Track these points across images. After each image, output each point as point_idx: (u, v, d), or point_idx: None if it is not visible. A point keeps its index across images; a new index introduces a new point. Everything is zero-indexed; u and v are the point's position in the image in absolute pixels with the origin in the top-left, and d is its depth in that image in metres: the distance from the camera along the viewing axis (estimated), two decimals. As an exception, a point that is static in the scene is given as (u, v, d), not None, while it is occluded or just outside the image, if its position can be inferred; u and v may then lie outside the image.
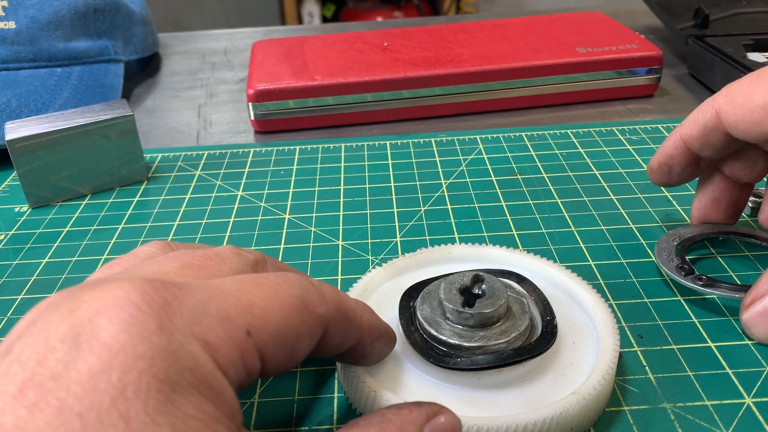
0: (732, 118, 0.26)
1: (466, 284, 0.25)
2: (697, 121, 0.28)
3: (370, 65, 0.48)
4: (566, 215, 0.35)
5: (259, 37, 0.68)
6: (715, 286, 0.28)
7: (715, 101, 0.27)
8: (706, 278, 0.28)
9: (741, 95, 0.26)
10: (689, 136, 0.28)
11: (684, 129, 0.29)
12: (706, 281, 0.28)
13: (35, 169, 0.38)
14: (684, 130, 0.29)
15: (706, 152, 0.29)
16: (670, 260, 0.30)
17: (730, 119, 0.26)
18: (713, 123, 0.27)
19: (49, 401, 0.14)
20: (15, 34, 0.49)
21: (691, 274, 0.29)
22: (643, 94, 0.50)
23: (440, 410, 0.20)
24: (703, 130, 0.27)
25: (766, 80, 0.26)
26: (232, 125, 0.49)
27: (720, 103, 0.27)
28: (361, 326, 0.21)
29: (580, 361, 0.24)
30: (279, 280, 0.19)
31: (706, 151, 0.28)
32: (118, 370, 0.15)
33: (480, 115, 0.49)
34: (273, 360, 0.18)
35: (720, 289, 0.28)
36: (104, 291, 0.16)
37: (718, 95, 0.27)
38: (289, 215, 0.37)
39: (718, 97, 0.27)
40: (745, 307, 0.26)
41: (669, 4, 0.55)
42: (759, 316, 0.26)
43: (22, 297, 0.31)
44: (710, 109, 0.27)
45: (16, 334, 0.16)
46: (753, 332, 0.26)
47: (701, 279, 0.28)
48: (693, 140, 0.28)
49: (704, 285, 0.28)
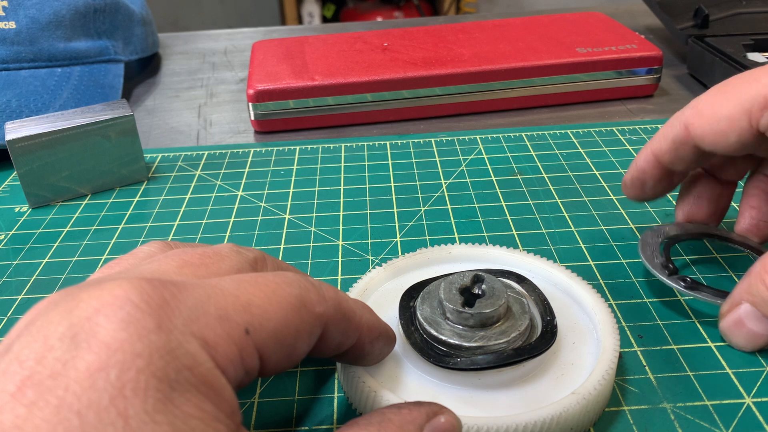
0: (699, 130, 0.26)
1: (466, 284, 0.25)
2: (666, 135, 0.28)
3: (370, 65, 0.48)
4: (566, 215, 0.35)
5: (259, 37, 0.68)
6: (698, 289, 0.28)
7: (684, 114, 0.27)
8: (690, 280, 0.28)
9: (707, 107, 0.26)
10: (660, 150, 0.28)
11: (654, 143, 0.29)
12: (690, 283, 0.28)
13: (35, 169, 0.38)
14: (654, 144, 0.29)
15: (677, 166, 0.29)
16: (655, 257, 0.30)
17: (697, 131, 0.26)
18: (682, 136, 0.27)
19: (48, 400, 0.14)
20: (15, 34, 0.49)
21: (675, 275, 0.28)
22: (643, 94, 0.50)
23: (440, 410, 0.20)
24: (673, 143, 0.28)
25: (729, 91, 0.26)
26: (232, 125, 0.49)
27: (688, 116, 0.27)
28: (361, 326, 0.21)
29: (580, 361, 0.24)
30: (278, 279, 0.19)
31: (678, 164, 0.29)
32: (116, 369, 0.15)
33: (480, 115, 0.49)
34: (272, 359, 0.18)
35: (702, 293, 0.28)
36: (103, 290, 0.16)
37: (686, 108, 0.27)
38: (289, 215, 0.37)
39: (686, 111, 0.27)
40: (722, 316, 0.26)
41: (669, 4, 0.55)
42: (735, 325, 0.26)
43: (22, 297, 0.31)
44: (678, 123, 0.27)
45: (15, 334, 0.17)
46: (731, 340, 0.26)
47: (685, 281, 0.28)
48: (663, 154, 0.28)
49: (687, 287, 0.28)
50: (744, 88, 0.25)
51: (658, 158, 0.29)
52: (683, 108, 0.28)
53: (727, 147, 0.26)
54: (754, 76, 0.26)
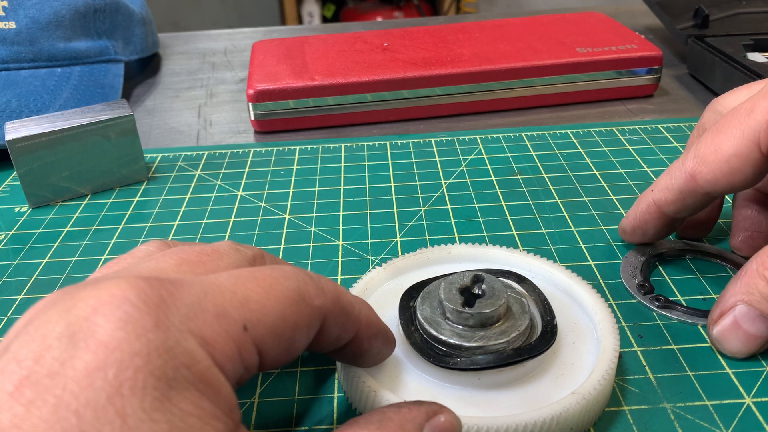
0: (710, 176, 0.26)
1: (466, 284, 0.25)
2: (671, 186, 0.28)
3: (370, 65, 0.48)
4: (566, 215, 0.35)
5: (259, 37, 0.68)
6: (672, 308, 0.28)
7: (684, 165, 0.27)
8: (663, 299, 0.28)
9: (709, 152, 0.26)
10: (664, 201, 0.28)
11: (657, 195, 0.29)
12: (663, 303, 0.28)
13: (35, 169, 0.38)
14: (657, 196, 0.29)
15: (682, 214, 0.29)
16: (634, 276, 0.30)
17: (708, 177, 0.26)
18: (689, 186, 0.27)
19: (46, 399, 0.14)
20: (15, 34, 0.49)
21: (650, 294, 0.29)
22: (643, 94, 0.50)
23: (440, 409, 0.20)
24: (679, 194, 0.28)
25: (726, 131, 0.26)
26: (232, 125, 0.49)
27: (691, 166, 0.27)
28: (359, 320, 0.21)
29: (580, 361, 0.24)
30: (275, 274, 0.19)
31: (683, 212, 0.29)
32: (114, 368, 0.15)
33: (480, 115, 0.49)
34: (271, 354, 0.18)
35: (676, 312, 0.28)
36: (100, 289, 0.16)
37: (685, 159, 0.27)
38: (289, 215, 0.37)
39: (686, 162, 0.27)
40: (714, 322, 0.26)
41: (669, 4, 0.55)
42: (730, 329, 0.25)
43: (22, 297, 0.31)
44: (682, 174, 0.27)
45: (13, 333, 0.17)
46: (725, 346, 0.25)
47: (659, 300, 0.28)
48: (669, 205, 0.28)
49: (661, 306, 0.28)
50: (741, 121, 0.25)
51: (662, 209, 0.29)
52: (680, 159, 0.28)
53: (744, 182, 0.26)
54: (746, 108, 0.26)
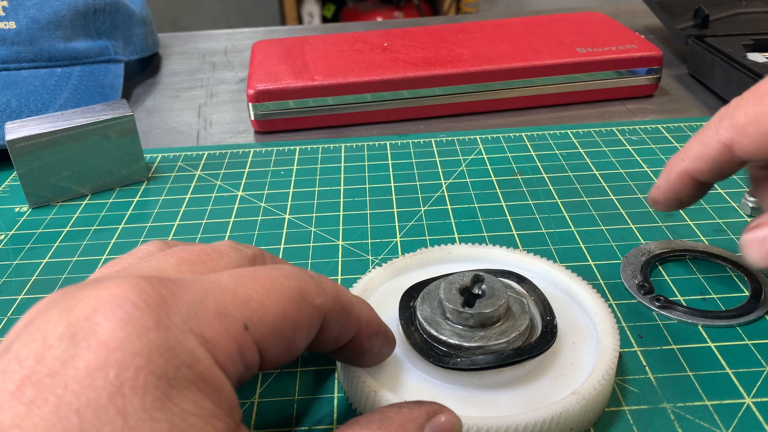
0: (750, 148, 0.26)
1: (466, 284, 0.25)
2: (704, 156, 0.27)
3: (370, 65, 0.48)
4: (566, 215, 0.35)
5: (259, 37, 0.68)
6: (672, 308, 0.28)
7: (719, 134, 0.27)
8: (663, 299, 0.28)
9: (749, 123, 0.25)
10: (698, 170, 0.28)
11: (690, 164, 0.28)
12: (663, 303, 0.28)
13: (35, 169, 0.38)
14: (690, 165, 0.28)
15: (718, 179, 0.28)
16: (634, 277, 0.30)
17: (748, 149, 0.26)
18: (726, 156, 0.27)
19: (47, 398, 0.14)
20: (15, 34, 0.49)
21: (650, 294, 0.29)
22: (643, 94, 0.50)
23: (440, 409, 0.20)
24: (715, 164, 0.27)
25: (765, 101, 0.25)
26: (232, 125, 0.49)
27: (727, 135, 0.26)
28: (360, 319, 0.21)
29: (580, 361, 0.24)
30: (276, 273, 0.19)
31: (719, 178, 0.28)
32: (115, 367, 0.15)
33: (480, 115, 0.49)
34: (271, 353, 0.18)
35: (676, 313, 0.28)
36: (101, 289, 0.16)
37: (719, 126, 0.27)
38: (289, 215, 0.37)
39: (720, 129, 0.27)
40: (749, 229, 0.26)
41: (669, 4, 0.55)
42: (759, 241, 0.25)
43: (22, 297, 0.31)
44: (716, 143, 0.27)
45: (15, 333, 0.17)
46: (748, 253, 0.25)
47: (659, 300, 0.28)
48: (704, 174, 0.28)
49: (660, 306, 0.28)
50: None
51: (696, 178, 0.28)
52: (712, 124, 0.27)
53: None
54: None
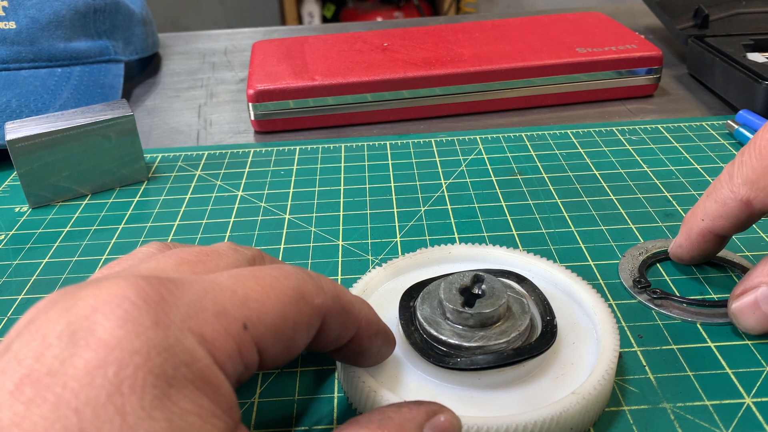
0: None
1: (466, 284, 0.25)
2: (725, 215, 0.28)
3: (370, 65, 0.48)
4: (566, 215, 0.35)
5: (259, 37, 0.68)
6: (668, 303, 0.28)
7: (735, 193, 0.27)
8: (659, 292, 0.29)
9: (760, 177, 0.26)
10: (721, 228, 0.28)
11: (710, 223, 0.28)
12: (659, 295, 0.29)
13: (35, 169, 0.38)
14: (711, 223, 0.28)
15: (739, 231, 0.29)
16: (631, 274, 0.30)
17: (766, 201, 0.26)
18: (746, 213, 0.27)
19: (46, 397, 0.14)
20: (15, 34, 0.49)
21: (646, 289, 0.29)
22: (643, 94, 0.50)
23: (440, 409, 0.20)
24: (737, 220, 0.28)
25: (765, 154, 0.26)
26: (232, 125, 0.49)
27: (745, 194, 0.27)
28: (359, 319, 0.21)
29: (580, 361, 0.24)
30: (275, 273, 0.19)
31: (741, 230, 0.29)
32: (114, 366, 0.15)
33: (480, 115, 0.49)
34: (271, 352, 0.18)
35: (672, 304, 0.28)
36: (101, 288, 0.16)
37: (732, 185, 0.27)
38: (289, 215, 0.37)
39: (735, 189, 0.27)
40: (735, 297, 0.27)
41: (669, 4, 0.55)
42: (748, 307, 0.26)
43: (22, 297, 0.31)
44: (734, 202, 0.27)
45: (14, 333, 0.17)
46: (740, 322, 0.26)
47: (654, 293, 0.29)
48: (726, 230, 0.28)
49: (656, 298, 0.28)
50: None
51: (718, 234, 0.29)
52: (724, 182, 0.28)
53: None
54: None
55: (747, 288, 0.26)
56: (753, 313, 0.26)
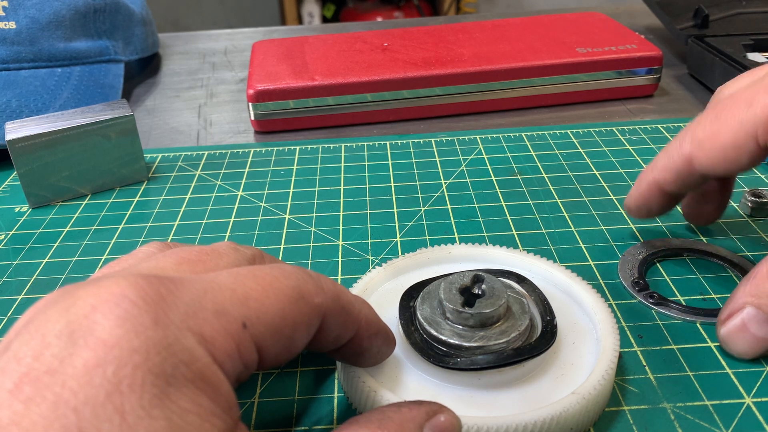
0: (706, 162, 0.27)
1: (466, 284, 0.25)
2: (668, 167, 0.28)
3: (370, 65, 0.48)
4: (566, 215, 0.35)
5: (259, 37, 0.68)
6: (666, 305, 0.28)
7: (682, 148, 0.28)
8: (657, 296, 0.29)
9: (707, 139, 0.26)
10: (664, 180, 0.29)
11: (657, 175, 0.29)
12: (657, 299, 0.28)
13: (35, 169, 0.38)
14: (657, 175, 0.29)
15: (683, 191, 0.30)
16: (631, 274, 0.30)
17: (704, 163, 0.27)
18: (687, 168, 0.28)
19: (45, 396, 0.14)
20: (15, 34, 0.49)
21: (644, 291, 0.29)
22: (643, 94, 0.50)
23: (440, 409, 0.20)
24: (678, 175, 0.28)
25: (724, 119, 0.26)
26: (232, 125, 0.49)
27: (688, 150, 0.27)
28: (359, 319, 0.21)
29: (580, 361, 0.24)
30: (275, 272, 0.19)
31: (683, 190, 0.29)
32: (113, 365, 0.15)
33: (480, 115, 0.49)
34: (270, 351, 0.18)
35: (671, 310, 0.28)
36: (100, 287, 0.16)
37: (683, 141, 0.28)
38: (289, 215, 0.37)
39: (683, 144, 0.28)
40: (722, 322, 0.26)
41: (669, 4, 0.55)
42: (737, 331, 0.25)
43: (22, 297, 0.31)
44: (679, 157, 0.28)
45: (14, 332, 0.17)
46: (731, 347, 0.25)
47: (653, 297, 0.29)
48: (669, 184, 0.29)
49: (655, 303, 0.28)
50: (740, 112, 0.25)
51: (663, 188, 0.29)
52: (678, 138, 0.28)
53: (739, 168, 0.26)
54: (746, 99, 0.26)
55: (732, 311, 0.25)
56: (743, 337, 0.25)
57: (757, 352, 0.25)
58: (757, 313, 0.24)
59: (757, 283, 0.25)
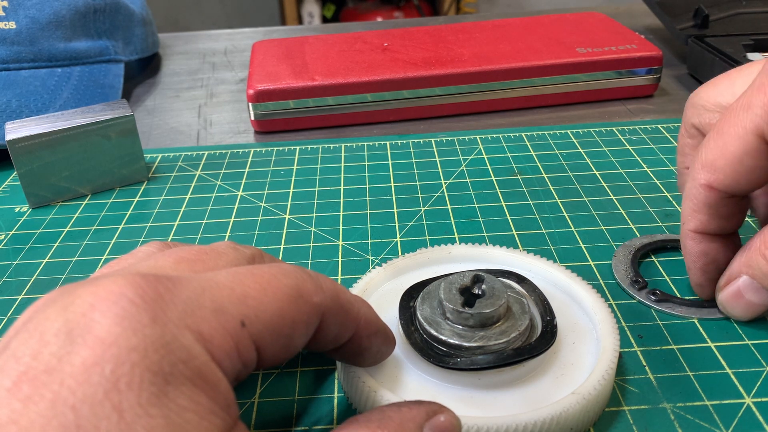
0: (728, 180, 0.25)
1: (466, 284, 0.25)
2: (697, 208, 0.27)
3: (370, 65, 0.48)
4: (566, 215, 0.35)
5: (259, 37, 0.68)
6: (670, 301, 0.28)
7: (697, 180, 0.26)
8: (660, 293, 0.29)
9: (717, 157, 0.25)
10: (702, 225, 0.27)
11: (692, 224, 0.27)
12: (660, 296, 0.29)
13: (35, 169, 0.38)
14: (693, 225, 0.27)
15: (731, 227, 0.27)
16: (627, 274, 0.30)
17: (726, 182, 0.25)
18: (713, 197, 0.26)
19: (43, 394, 0.14)
20: (15, 34, 0.49)
21: (645, 289, 0.29)
22: (643, 94, 0.50)
23: (440, 409, 0.20)
24: (709, 209, 0.26)
25: (726, 132, 0.25)
26: (232, 125, 0.49)
27: (704, 178, 0.26)
28: (359, 318, 0.21)
29: (580, 361, 0.24)
30: (274, 271, 0.19)
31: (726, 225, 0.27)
32: (111, 363, 0.15)
33: (480, 115, 0.49)
34: (269, 350, 0.18)
35: (675, 307, 0.28)
36: (98, 286, 0.16)
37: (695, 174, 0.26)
38: (289, 215, 0.37)
39: (696, 175, 0.26)
40: (721, 288, 0.27)
41: (669, 4, 0.55)
42: (734, 297, 0.27)
43: (22, 297, 0.31)
44: (699, 191, 0.26)
45: (13, 331, 0.17)
46: (729, 311, 0.27)
47: (655, 294, 0.29)
48: (709, 226, 0.27)
49: (657, 300, 0.28)
50: (741, 119, 0.24)
51: (706, 231, 0.27)
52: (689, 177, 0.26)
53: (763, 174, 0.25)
54: (743, 105, 0.24)
55: (729, 278, 0.27)
56: (738, 302, 0.27)
57: (751, 315, 0.27)
58: (751, 282, 0.26)
59: (750, 256, 0.26)
